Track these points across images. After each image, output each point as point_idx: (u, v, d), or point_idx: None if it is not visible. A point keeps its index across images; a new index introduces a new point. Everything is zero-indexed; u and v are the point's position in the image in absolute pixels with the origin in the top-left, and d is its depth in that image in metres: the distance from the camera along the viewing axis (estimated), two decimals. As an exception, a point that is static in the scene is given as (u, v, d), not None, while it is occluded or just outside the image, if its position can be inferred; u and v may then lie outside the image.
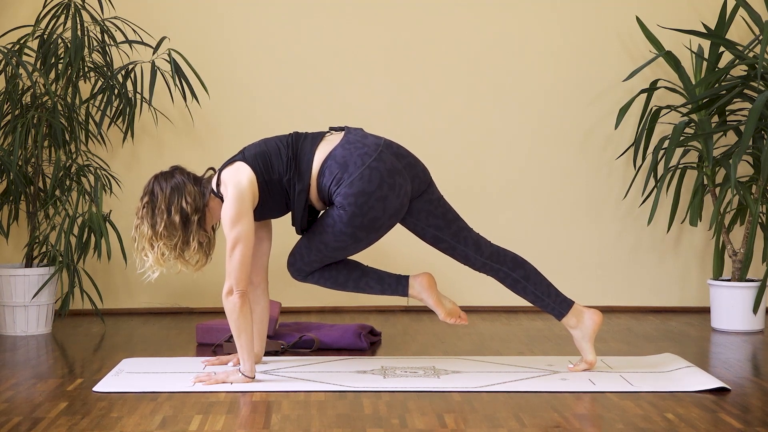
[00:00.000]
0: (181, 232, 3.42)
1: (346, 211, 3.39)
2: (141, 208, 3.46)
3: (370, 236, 3.45)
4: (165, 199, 3.42)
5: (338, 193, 3.40)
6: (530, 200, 5.15)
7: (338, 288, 3.57)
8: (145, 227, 3.43)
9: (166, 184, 3.45)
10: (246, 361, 3.37)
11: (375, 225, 3.42)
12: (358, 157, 3.42)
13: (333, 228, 3.43)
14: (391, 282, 3.54)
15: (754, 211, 4.51)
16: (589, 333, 3.54)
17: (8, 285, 4.46)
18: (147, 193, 3.46)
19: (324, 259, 3.51)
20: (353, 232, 3.41)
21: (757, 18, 4.71)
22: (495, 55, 5.13)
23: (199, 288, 5.12)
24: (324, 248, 3.48)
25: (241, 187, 3.40)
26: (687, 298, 5.19)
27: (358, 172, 3.40)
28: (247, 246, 3.37)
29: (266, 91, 5.09)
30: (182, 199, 3.42)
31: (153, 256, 3.44)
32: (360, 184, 3.38)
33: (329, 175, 3.42)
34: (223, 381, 3.34)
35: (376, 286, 3.54)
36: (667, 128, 4.98)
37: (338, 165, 3.41)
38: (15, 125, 4.48)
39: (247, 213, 3.39)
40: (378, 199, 3.39)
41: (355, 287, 3.55)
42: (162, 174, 3.49)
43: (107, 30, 4.69)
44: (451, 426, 2.83)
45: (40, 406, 3.07)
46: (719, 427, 2.82)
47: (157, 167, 5.03)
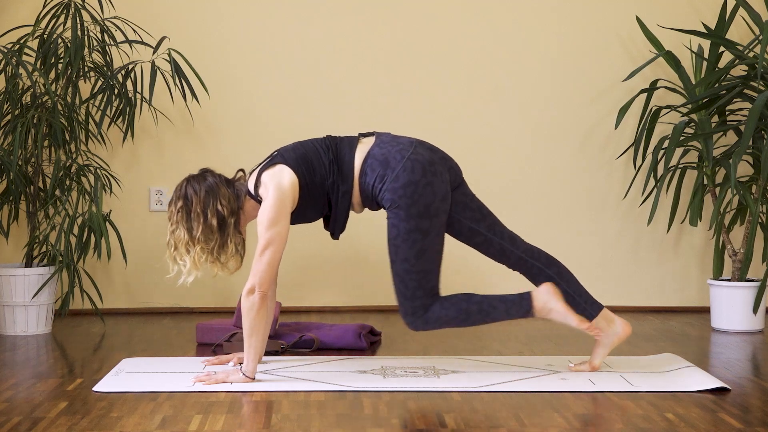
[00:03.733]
0: (218, 235, 3.41)
1: (400, 207, 3.38)
2: (175, 213, 3.44)
3: (433, 224, 3.40)
4: (200, 202, 3.41)
5: (386, 190, 3.39)
6: (530, 200, 5.15)
7: (465, 318, 3.42)
8: (182, 232, 3.43)
9: (199, 187, 3.43)
10: (250, 362, 3.37)
11: (431, 210, 3.39)
12: (397, 152, 3.43)
13: (399, 235, 3.38)
14: (515, 298, 3.45)
15: (754, 211, 4.51)
16: (613, 340, 3.53)
17: (8, 285, 4.46)
18: (180, 197, 3.44)
19: (421, 279, 3.39)
20: (416, 224, 3.37)
21: (757, 18, 4.71)
22: (495, 56, 5.13)
23: (199, 288, 5.11)
24: (408, 264, 3.39)
25: (284, 189, 3.38)
26: (687, 298, 5.19)
27: (401, 166, 3.40)
28: (279, 249, 3.36)
29: (266, 90, 5.09)
30: (217, 201, 3.40)
31: (190, 260, 3.43)
32: (404, 176, 3.38)
33: (371, 173, 3.41)
34: (223, 381, 3.34)
35: (499, 305, 3.43)
36: (667, 128, 4.98)
37: (379, 163, 3.42)
38: (15, 125, 4.48)
39: (286, 216, 3.37)
40: (425, 185, 3.39)
41: (479, 311, 3.43)
42: (194, 177, 3.47)
43: (107, 30, 4.69)
44: (451, 426, 2.83)
45: (40, 406, 3.07)
46: (719, 427, 2.82)
47: (157, 167, 5.07)
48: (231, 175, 3.54)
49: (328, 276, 5.12)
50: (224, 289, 5.08)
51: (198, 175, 3.48)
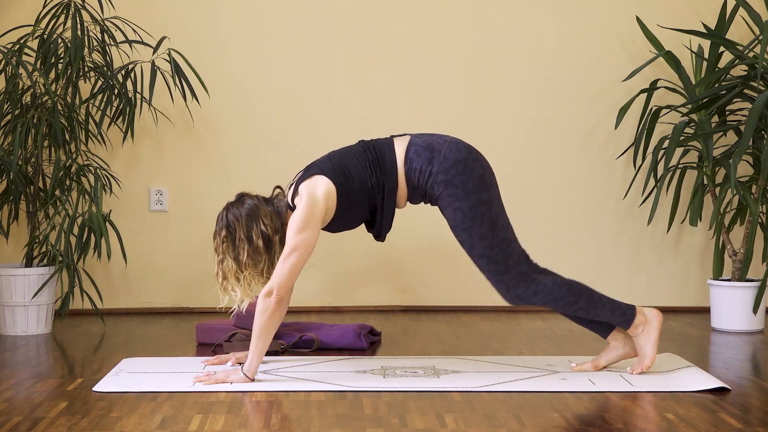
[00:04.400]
0: (266, 256, 3.41)
1: (456, 186, 3.37)
2: (220, 244, 3.42)
3: (492, 194, 3.39)
4: (243, 227, 3.40)
5: (437, 172, 3.38)
6: (530, 200, 5.15)
7: (574, 301, 3.40)
8: (230, 262, 3.40)
9: (239, 212, 3.42)
10: (253, 362, 3.37)
11: (485, 181, 3.39)
12: (438, 138, 3.45)
13: (465, 216, 3.36)
14: (622, 305, 3.44)
15: (754, 210, 4.51)
16: (626, 352, 3.54)
17: (8, 285, 4.46)
18: (223, 227, 3.42)
19: (506, 247, 3.38)
20: (477, 198, 3.36)
21: (757, 18, 4.71)
22: (495, 56, 5.13)
23: (199, 288, 5.12)
24: (487, 240, 3.36)
25: (317, 197, 3.38)
26: (687, 298, 5.19)
27: (446, 147, 3.41)
28: (304, 256, 3.35)
29: (266, 90, 5.09)
30: (260, 222, 3.40)
31: (240, 289, 3.42)
32: (452, 155, 3.39)
33: (418, 159, 3.40)
34: (222, 381, 3.34)
35: (608, 303, 3.42)
36: (667, 128, 4.98)
37: (423, 148, 3.42)
38: (15, 125, 4.48)
39: (316, 224, 3.37)
40: (473, 160, 3.41)
41: (589, 300, 3.40)
42: (232, 204, 3.46)
43: (107, 30, 4.69)
44: (451, 426, 2.83)
45: (40, 406, 3.07)
46: (719, 427, 2.82)
47: (157, 167, 5.07)
48: (268, 194, 3.54)
49: (329, 276, 5.12)
50: (224, 289, 5.08)
51: (236, 201, 3.47)
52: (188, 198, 5.09)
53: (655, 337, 3.46)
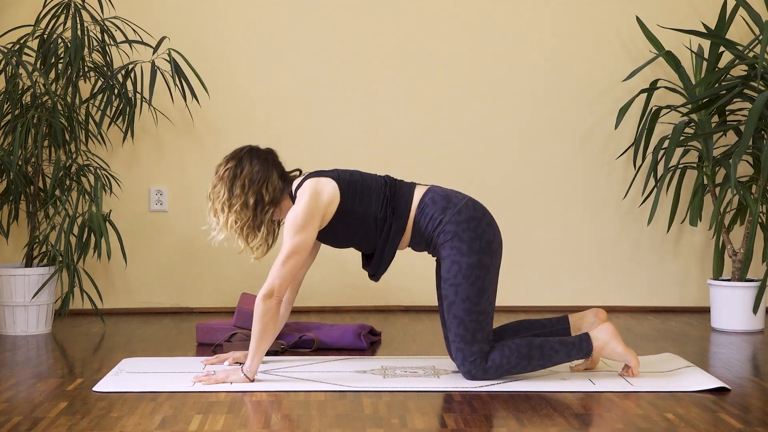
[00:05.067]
0: (252, 215, 3.43)
1: (462, 240, 3.35)
2: (224, 169, 3.45)
3: (493, 262, 3.38)
4: (249, 174, 3.43)
5: (447, 222, 3.37)
6: (530, 200, 5.15)
7: (527, 365, 3.35)
8: (223, 191, 3.44)
9: (257, 161, 3.45)
10: (254, 363, 3.36)
11: (491, 247, 3.37)
12: (458, 193, 3.46)
13: (460, 271, 3.34)
14: (574, 341, 3.40)
15: (754, 210, 4.51)
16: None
17: (8, 285, 4.46)
18: (236, 158, 3.46)
19: (482, 321, 3.34)
20: (479, 259, 3.34)
21: (757, 18, 4.71)
22: (495, 56, 5.13)
23: (199, 288, 5.12)
24: (470, 302, 3.33)
25: (319, 200, 3.38)
26: (687, 298, 5.19)
27: (462, 203, 3.41)
28: (302, 258, 3.37)
29: (266, 90, 5.09)
30: (264, 185, 3.43)
31: (222, 219, 3.45)
32: (467, 212, 3.39)
33: (432, 206, 3.40)
34: (222, 381, 3.34)
35: (561, 348, 3.38)
36: (667, 128, 4.98)
37: (441, 197, 3.42)
38: (15, 125, 4.48)
39: (313, 226, 3.37)
40: (487, 223, 3.40)
41: (541, 356, 3.36)
42: (257, 150, 3.49)
43: (107, 30, 4.69)
44: (451, 426, 2.83)
45: (40, 406, 3.07)
46: (719, 427, 2.82)
47: (157, 167, 5.07)
48: (288, 169, 3.55)
49: (328, 276, 5.12)
50: (224, 290, 5.08)
51: (262, 150, 3.50)
52: (188, 198, 5.09)
53: (619, 347, 3.41)
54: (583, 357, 3.42)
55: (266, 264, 5.10)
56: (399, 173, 5.12)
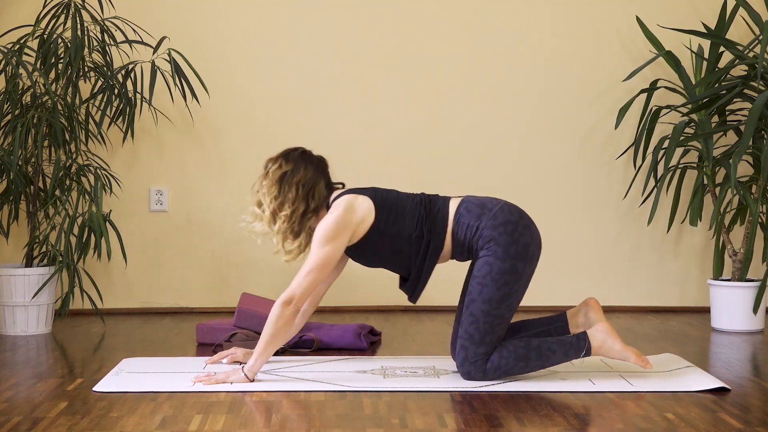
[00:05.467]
0: (297, 220, 3.41)
1: (499, 244, 3.33)
2: (276, 166, 3.45)
3: (526, 269, 3.37)
4: (303, 179, 3.43)
5: (484, 227, 3.35)
6: (530, 200, 5.14)
7: (524, 366, 3.35)
8: (273, 188, 3.43)
9: (310, 168, 3.46)
10: (256, 364, 3.36)
11: (528, 252, 3.36)
12: (492, 199, 3.46)
13: (490, 273, 3.33)
14: (572, 340, 3.40)
15: (754, 210, 4.51)
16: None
17: (8, 285, 4.46)
18: (291, 159, 3.46)
19: (495, 325, 3.33)
20: (512, 265, 3.33)
21: (757, 18, 4.71)
22: (494, 56, 5.13)
23: (199, 288, 5.12)
24: (490, 305, 3.33)
25: (352, 215, 3.38)
26: (687, 298, 5.19)
27: (498, 207, 3.40)
28: (326, 271, 3.36)
29: (266, 90, 5.09)
30: (311, 192, 3.43)
31: (267, 217, 3.43)
32: (503, 216, 3.38)
33: (467, 215, 3.39)
34: (223, 381, 3.34)
35: (558, 349, 3.38)
36: (667, 128, 4.98)
37: (475, 205, 3.41)
38: (15, 125, 4.48)
39: (342, 240, 3.36)
40: (524, 226, 3.39)
41: (538, 357, 3.36)
42: (310, 155, 3.50)
43: (107, 30, 4.69)
44: (451, 426, 2.83)
45: (40, 406, 3.07)
46: (719, 427, 2.83)
47: (157, 167, 5.07)
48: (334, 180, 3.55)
49: (328, 276, 5.11)
50: (224, 290, 5.08)
51: (315, 156, 3.51)
52: (188, 198, 5.09)
53: (616, 344, 3.40)
54: (581, 356, 3.41)
55: (266, 263, 5.11)
56: (399, 173, 5.14)
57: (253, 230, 3.51)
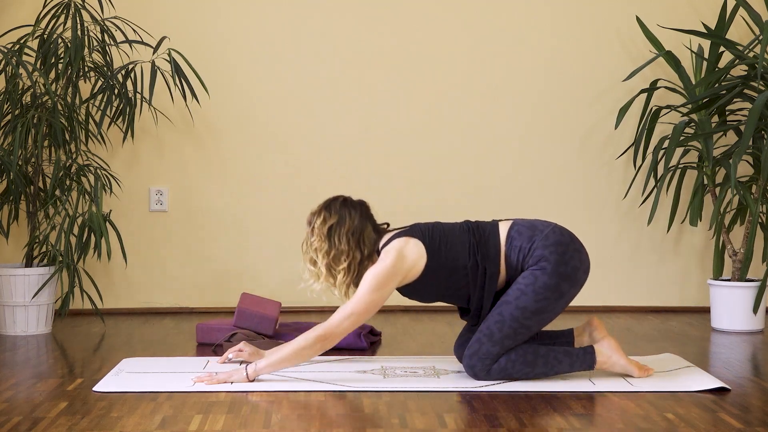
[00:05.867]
0: (356, 271, 3.38)
1: (549, 261, 3.33)
2: (320, 221, 3.39)
3: (570, 291, 3.37)
4: (350, 227, 3.38)
5: (535, 248, 3.35)
6: (530, 200, 5.15)
7: (530, 372, 3.35)
8: (323, 244, 3.38)
9: (355, 214, 3.40)
10: (264, 369, 3.35)
11: (575, 276, 3.36)
12: (542, 221, 3.46)
13: (533, 284, 3.32)
14: (579, 352, 3.40)
15: (754, 210, 4.51)
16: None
17: (8, 285, 4.46)
18: (333, 209, 3.40)
19: (518, 334, 3.33)
20: (557, 283, 3.32)
21: (757, 18, 4.71)
22: (494, 56, 5.13)
23: (199, 288, 5.12)
24: (522, 314, 3.32)
25: (403, 262, 3.35)
26: (687, 298, 5.19)
27: (549, 229, 3.41)
28: (369, 315, 3.34)
29: (266, 90, 5.09)
30: (361, 238, 3.39)
31: (323, 273, 3.40)
32: (554, 237, 3.38)
33: (519, 237, 3.39)
34: (224, 381, 3.33)
35: (564, 359, 3.38)
36: (667, 128, 4.98)
37: (526, 227, 3.42)
38: (15, 125, 4.48)
39: (390, 287, 3.34)
40: (574, 250, 3.39)
41: (545, 364, 3.36)
42: (351, 201, 3.44)
43: (107, 30, 4.69)
44: (451, 426, 2.83)
45: (40, 406, 3.07)
46: (719, 426, 2.83)
47: (157, 167, 5.07)
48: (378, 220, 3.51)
49: (328, 276, 5.11)
50: (224, 290, 5.08)
51: (356, 201, 3.45)
52: (188, 198, 5.09)
53: (621, 360, 3.41)
54: (585, 369, 3.42)
55: (266, 264, 5.11)
56: (399, 173, 5.14)
57: (314, 290, 3.48)
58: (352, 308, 3.32)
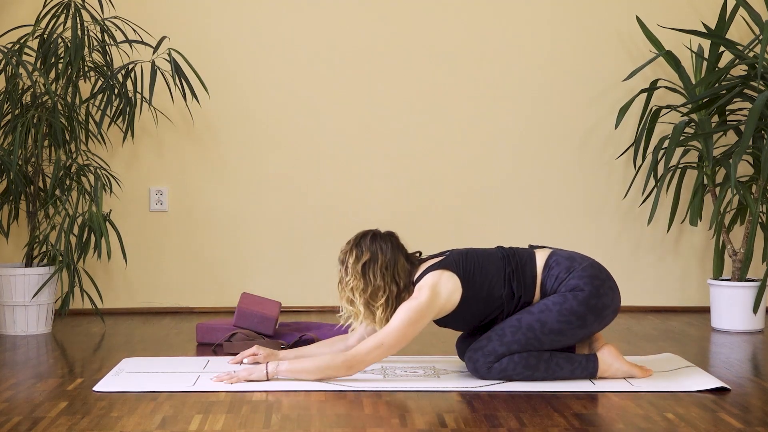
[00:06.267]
0: (394, 303, 3.37)
1: (583, 291, 3.34)
2: (353, 258, 3.37)
3: (594, 325, 3.38)
4: (384, 262, 3.36)
5: (572, 278, 3.36)
6: (530, 200, 5.15)
7: (530, 375, 3.35)
8: (358, 282, 3.36)
9: (386, 247, 3.38)
10: (285, 372, 3.34)
11: (603, 313, 3.37)
12: (580, 254, 3.48)
13: (562, 305, 3.34)
14: (581, 359, 3.40)
15: (754, 210, 4.51)
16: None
17: (8, 285, 4.46)
18: (363, 246, 3.37)
19: (529, 345, 3.34)
20: (584, 313, 3.33)
21: (757, 18, 4.71)
22: (495, 56, 5.13)
23: (199, 288, 5.12)
24: (540, 328, 3.33)
25: (437, 299, 3.34)
26: (687, 298, 5.19)
27: (588, 263, 3.42)
28: (398, 348, 3.32)
29: (266, 90, 5.09)
30: (395, 271, 3.37)
31: (361, 310, 3.38)
32: (592, 271, 3.39)
33: (557, 267, 3.40)
34: (245, 378, 3.34)
35: (566, 365, 3.38)
36: (667, 128, 4.98)
37: (565, 258, 3.43)
38: (15, 125, 4.48)
39: (423, 322, 3.33)
40: (609, 288, 3.40)
41: (546, 369, 3.36)
42: (380, 234, 3.42)
43: (107, 29, 4.68)
44: (451, 426, 2.83)
45: (40, 406, 3.07)
46: (719, 426, 2.82)
47: (157, 167, 5.07)
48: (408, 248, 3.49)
49: (329, 276, 5.11)
50: (224, 290, 5.08)
51: (384, 234, 3.43)
52: (188, 198, 5.09)
53: (623, 366, 3.42)
54: (586, 377, 3.41)
55: (266, 263, 5.11)
56: (399, 173, 5.13)
57: (354, 326, 3.49)
58: (383, 339, 3.31)
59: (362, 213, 5.07)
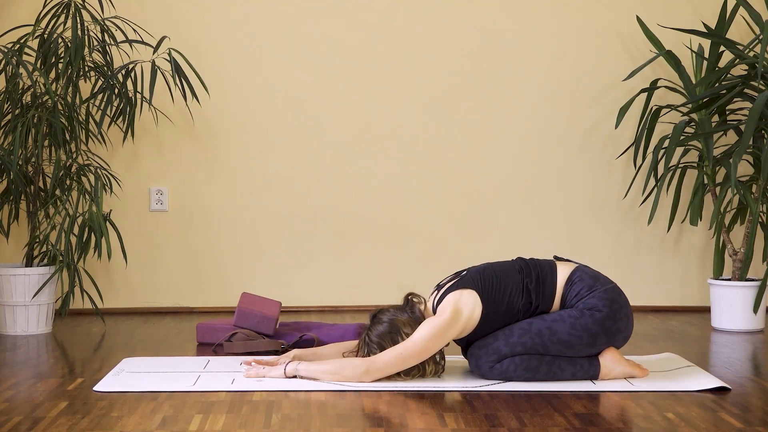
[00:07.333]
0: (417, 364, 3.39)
1: (600, 312, 3.37)
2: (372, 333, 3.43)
3: (604, 344, 3.40)
4: (389, 343, 3.38)
5: (592, 296, 3.39)
6: (530, 200, 5.15)
7: (531, 377, 3.36)
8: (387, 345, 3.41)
9: (381, 331, 3.41)
10: (304, 372, 3.37)
11: (614, 338, 3.40)
12: (605, 276, 3.50)
13: (576, 320, 3.37)
14: (583, 362, 3.41)
15: (754, 210, 4.51)
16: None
17: (8, 285, 4.46)
18: (374, 346, 3.39)
19: (536, 349, 3.36)
20: (597, 332, 3.36)
21: (757, 17, 4.71)
22: (495, 56, 5.13)
23: (199, 288, 5.12)
24: (551, 337, 3.36)
25: (458, 319, 3.37)
26: (687, 298, 5.19)
27: (611, 286, 3.45)
28: (418, 360, 3.34)
29: (266, 91, 5.09)
30: (401, 334, 3.38)
31: None
32: (613, 295, 3.42)
33: (580, 283, 3.43)
34: (264, 375, 3.40)
35: (567, 368, 3.39)
36: (668, 128, 4.98)
37: (589, 276, 3.45)
38: (15, 125, 4.48)
39: (444, 340, 3.36)
40: (625, 315, 3.43)
41: (547, 371, 3.38)
42: (370, 326, 3.44)
43: (107, 29, 4.68)
44: (451, 426, 2.83)
45: (41, 406, 3.07)
46: (719, 426, 2.82)
47: (157, 167, 5.07)
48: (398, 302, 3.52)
49: (328, 276, 5.12)
50: (224, 290, 5.08)
51: (372, 322, 3.45)
52: (188, 198, 5.09)
53: (626, 368, 3.43)
54: (587, 379, 3.41)
55: (266, 263, 5.11)
56: (399, 173, 5.13)
57: None
58: (404, 349, 3.33)
59: (362, 213, 5.08)
